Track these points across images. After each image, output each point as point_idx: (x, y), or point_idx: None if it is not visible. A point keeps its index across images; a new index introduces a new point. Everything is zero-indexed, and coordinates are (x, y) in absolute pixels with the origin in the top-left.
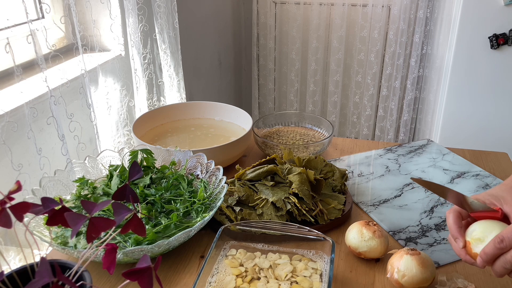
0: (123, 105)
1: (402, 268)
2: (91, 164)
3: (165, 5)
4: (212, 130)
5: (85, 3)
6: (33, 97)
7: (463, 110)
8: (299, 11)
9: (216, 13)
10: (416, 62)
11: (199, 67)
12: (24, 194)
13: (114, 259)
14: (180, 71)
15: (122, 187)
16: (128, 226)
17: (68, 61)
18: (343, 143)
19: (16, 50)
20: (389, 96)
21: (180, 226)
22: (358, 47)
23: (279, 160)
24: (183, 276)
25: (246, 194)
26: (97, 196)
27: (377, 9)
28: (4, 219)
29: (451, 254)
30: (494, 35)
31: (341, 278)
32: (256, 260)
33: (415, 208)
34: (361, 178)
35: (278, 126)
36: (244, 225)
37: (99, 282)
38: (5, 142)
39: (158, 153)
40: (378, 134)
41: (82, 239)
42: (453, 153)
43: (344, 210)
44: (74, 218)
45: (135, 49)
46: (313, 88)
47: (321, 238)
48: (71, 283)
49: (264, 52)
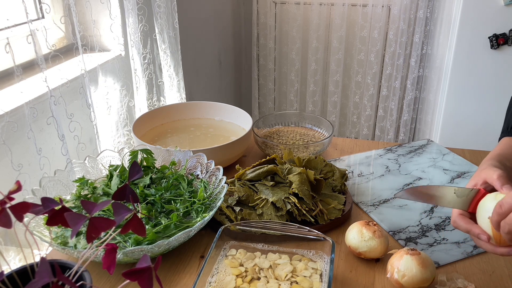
0: (123, 105)
1: (402, 268)
2: (91, 164)
3: (165, 5)
4: (212, 130)
5: (85, 3)
6: (33, 97)
7: (463, 110)
8: (299, 11)
9: (216, 13)
10: (416, 62)
11: (199, 67)
12: (24, 194)
13: (114, 259)
14: (180, 71)
15: (122, 187)
16: (128, 226)
17: (68, 61)
18: (343, 143)
19: (16, 50)
20: (389, 96)
21: (180, 226)
22: (358, 47)
23: (279, 160)
24: (183, 276)
25: (246, 194)
26: (97, 196)
27: (377, 9)
28: (4, 219)
29: (451, 254)
30: (494, 35)
31: (341, 278)
32: (256, 260)
33: (415, 208)
34: (361, 178)
35: (278, 126)
36: (244, 225)
37: (99, 282)
38: (5, 142)
39: (158, 153)
40: (378, 134)
41: (82, 239)
42: (453, 153)
43: (344, 210)
44: (74, 218)
45: (135, 49)
46: (313, 88)
47: (321, 238)
48: (71, 283)
49: (264, 52)
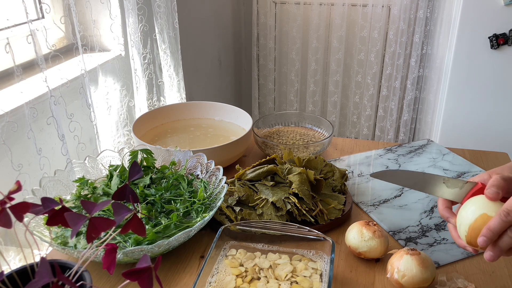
0: (123, 105)
1: (402, 268)
2: (91, 164)
3: (165, 5)
4: (212, 130)
5: (85, 3)
6: (33, 97)
7: (463, 110)
8: (299, 11)
9: (216, 13)
10: (416, 62)
11: (199, 67)
12: (24, 194)
13: (114, 259)
14: (180, 71)
15: (122, 187)
16: (128, 226)
17: (68, 61)
18: (343, 143)
19: (16, 50)
20: (389, 96)
21: (180, 226)
22: (358, 47)
23: (279, 160)
24: (183, 276)
25: (246, 194)
26: (97, 196)
27: (377, 9)
28: (4, 219)
29: (451, 254)
30: (494, 35)
31: (341, 278)
32: (256, 260)
33: (415, 208)
34: (361, 178)
35: (278, 126)
36: (244, 225)
37: (99, 282)
38: (5, 142)
39: (158, 153)
40: (378, 134)
41: (82, 239)
42: (453, 153)
43: (344, 210)
44: (74, 218)
45: (135, 49)
46: (313, 88)
47: (321, 238)
48: (71, 283)
49: (264, 52)
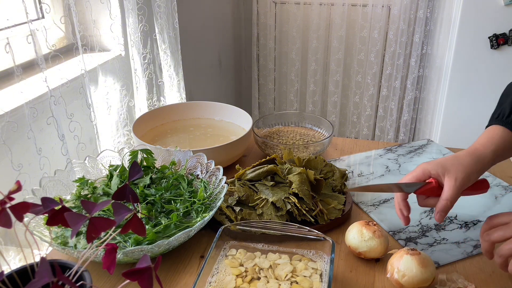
0: (123, 105)
1: (402, 268)
2: (91, 164)
3: (165, 5)
4: (211, 130)
5: (85, 3)
6: (33, 97)
7: (463, 110)
8: (299, 11)
9: (216, 13)
10: (416, 62)
11: (199, 67)
12: (24, 194)
13: (114, 259)
14: (180, 71)
15: (122, 187)
16: (128, 226)
17: (68, 61)
18: (343, 143)
19: (16, 50)
20: (389, 96)
21: (180, 226)
22: (358, 47)
23: (279, 160)
24: (183, 276)
25: (246, 194)
26: (97, 196)
27: (377, 9)
28: (4, 219)
29: (451, 254)
30: (494, 35)
31: (341, 278)
32: (256, 260)
33: (415, 208)
34: (361, 178)
35: (278, 126)
36: (244, 225)
37: (99, 282)
38: (5, 142)
39: (158, 153)
40: (378, 134)
41: (82, 239)
42: (453, 153)
43: (344, 210)
44: (74, 218)
45: (135, 49)
46: (313, 88)
47: (321, 238)
48: (71, 283)
49: (264, 52)
